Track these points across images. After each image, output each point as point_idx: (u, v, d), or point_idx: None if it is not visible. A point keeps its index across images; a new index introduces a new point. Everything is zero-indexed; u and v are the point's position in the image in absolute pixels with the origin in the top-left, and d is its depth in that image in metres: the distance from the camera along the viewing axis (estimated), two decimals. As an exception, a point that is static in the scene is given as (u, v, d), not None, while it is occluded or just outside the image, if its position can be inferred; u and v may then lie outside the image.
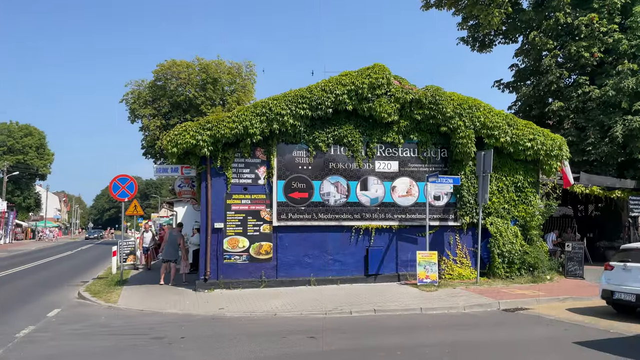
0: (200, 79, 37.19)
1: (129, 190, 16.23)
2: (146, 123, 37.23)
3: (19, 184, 73.06)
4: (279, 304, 11.51)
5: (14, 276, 19.91)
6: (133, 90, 38.36)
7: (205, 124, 13.74)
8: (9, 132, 73.72)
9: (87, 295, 13.46)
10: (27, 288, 16.12)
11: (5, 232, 56.64)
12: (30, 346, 8.04)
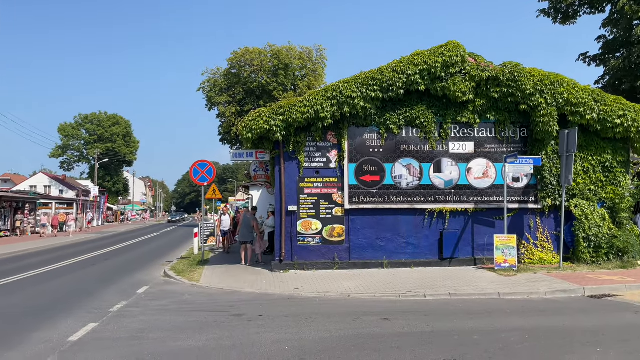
0: (272, 65, 37.83)
1: (208, 175, 16.97)
2: (222, 110, 38.55)
3: (108, 170, 78.53)
4: (352, 286, 11.63)
5: (107, 256, 21.55)
6: (209, 78, 39.79)
7: (277, 109, 14.00)
8: (98, 121, 79.10)
9: (172, 274, 14.31)
10: (118, 267, 17.42)
11: (98, 215, 61.19)
12: (122, 320, 8.71)
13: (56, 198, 55.26)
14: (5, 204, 36.52)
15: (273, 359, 6.26)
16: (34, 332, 7.80)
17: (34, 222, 40.93)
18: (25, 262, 18.91)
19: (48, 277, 14.62)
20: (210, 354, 6.51)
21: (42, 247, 26.02)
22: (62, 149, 78.95)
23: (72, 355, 6.55)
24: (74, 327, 8.09)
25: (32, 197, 44.14)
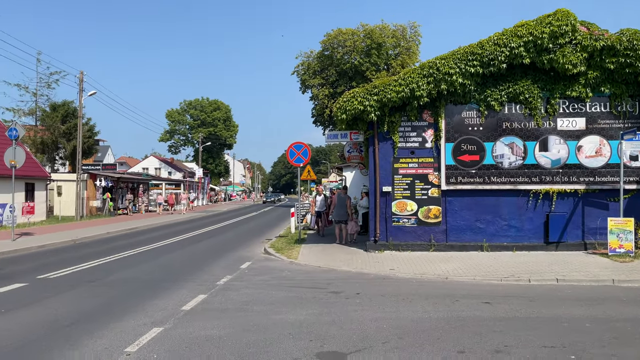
0: (365, 45, 37.50)
1: (303, 156, 17.36)
2: (315, 92, 39.04)
3: (211, 153, 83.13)
4: (449, 268, 11.38)
5: (211, 233, 22.96)
6: (303, 61, 40.39)
7: (371, 89, 13.91)
8: (201, 107, 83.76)
9: (271, 251, 14.93)
10: (222, 243, 18.50)
11: (202, 195, 65.18)
12: (228, 293, 9.27)
13: (165, 179, 59.64)
14: (122, 184, 40.12)
15: (372, 336, 6.34)
16: (152, 301, 8.56)
17: (147, 201, 44.58)
18: (141, 237, 20.71)
19: (162, 252, 15.91)
20: (311, 327, 6.74)
21: (156, 224, 28.31)
22: (169, 133, 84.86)
23: (186, 323, 7.11)
24: (186, 298, 8.76)
25: (145, 178, 48.04)
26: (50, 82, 44.23)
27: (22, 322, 7.20)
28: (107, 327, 6.87)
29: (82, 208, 32.74)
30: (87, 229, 23.22)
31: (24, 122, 41.76)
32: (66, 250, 16.31)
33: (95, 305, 8.34)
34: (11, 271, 11.91)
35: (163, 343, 6.12)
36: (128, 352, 5.77)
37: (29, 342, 6.21)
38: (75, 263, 13.06)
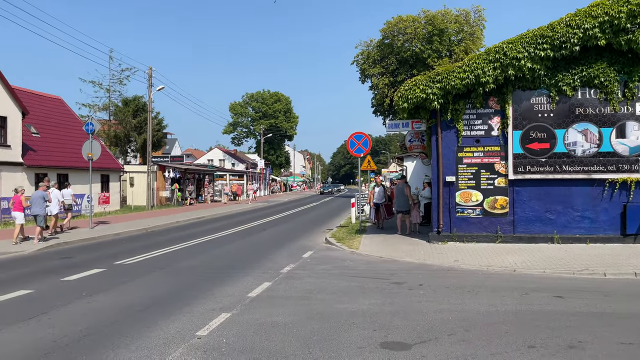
0: (427, 31, 36.64)
1: (363, 147, 17.30)
2: (375, 82, 38.66)
3: (272, 144, 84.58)
4: (517, 260, 11.00)
5: (274, 222, 23.42)
6: (362, 51, 40.07)
7: (434, 76, 13.59)
8: (262, 99, 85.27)
9: (332, 241, 15.04)
10: (285, 232, 18.83)
11: (264, 185, 66.54)
12: (292, 281, 9.45)
13: (229, 170, 61.37)
14: (189, 175, 41.71)
15: (437, 327, 6.26)
16: (220, 287, 8.87)
17: (212, 191, 46.10)
18: (207, 226, 21.48)
19: (227, 240, 16.43)
20: (374, 317, 6.74)
21: (221, 213, 29.26)
22: (232, 125, 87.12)
23: (253, 309, 7.32)
24: (251, 285, 9.01)
25: (211, 170, 49.67)
26: (122, 78, 46.67)
27: (101, 305, 7.69)
28: (179, 311, 7.20)
29: (152, 198, 34.36)
30: (157, 218, 24.36)
31: (99, 117, 44.22)
32: (139, 238, 17.20)
33: (167, 290, 8.76)
34: (90, 257, 12.73)
35: (231, 328, 6.34)
36: (199, 336, 6.03)
37: (109, 324, 6.63)
38: (148, 250, 13.75)
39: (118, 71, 57.02)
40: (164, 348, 5.59)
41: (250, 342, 5.77)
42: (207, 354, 5.39)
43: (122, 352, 5.47)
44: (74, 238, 16.14)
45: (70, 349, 5.58)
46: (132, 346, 5.67)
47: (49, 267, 11.20)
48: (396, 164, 63.54)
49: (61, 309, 7.35)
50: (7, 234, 16.87)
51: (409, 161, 26.00)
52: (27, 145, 25.04)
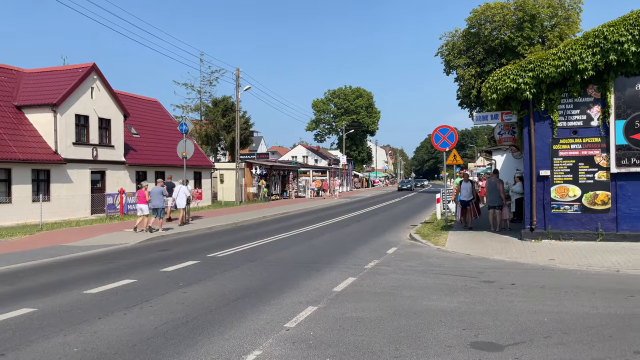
0: (516, 18, 34.83)
1: (449, 140, 16.81)
2: (461, 73, 37.40)
3: (354, 140, 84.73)
4: (621, 260, 10.17)
5: (357, 218, 23.47)
6: (447, 42, 38.93)
7: (526, 65, 12.89)
8: (344, 95, 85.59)
9: (417, 237, 14.79)
10: (368, 228, 18.81)
11: (346, 181, 66.85)
12: (376, 277, 9.42)
13: (312, 166, 62.34)
14: (275, 172, 42.92)
15: (531, 329, 5.96)
16: (306, 281, 9.06)
17: (296, 187, 47.12)
18: (293, 221, 21.99)
19: (312, 235, 16.71)
20: (463, 316, 6.55)
21: (305, 208, 29.82)
22: (315, 122, 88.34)
23: (338, 303, 7.39)
24: (337, 280, 9.11)
25: (295, 166, 50.77)
26: (212, 79, 49.05)
27: (196, 295, 8.14)
28: (267, 303, 7.45)
29: (240, 194, 35.78)
30: (245, 213, 25.33)
31: (191, 117, 46.82)
32: (229, 232, 17.99)
33: (256, 282, 9.09)
34: (185, 250, 13.51)
35: (318, 321, 6.46)
36: (287, 328, 6.19)
37: (204, 313, 7.00)
38: (237, 244, 14.34)
39: (208, 73, 60.12)
40: (255, 338, 5.81)
41: (337, 336, 5.84)
42: (296, 346, 5.52)
43: (216, 340, 5.76)
44: (171, 232, 17.21)
45: (170, 335, 5.96)
46: (225, 335, 5.96)
47: (149, 259, 12.04)
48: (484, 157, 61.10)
49: (160, 298, 7.87)
50: (114, 227, 18.37)
51: (498, 155, 24.93)
52: (128, 145, 27.06)
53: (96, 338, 5.88)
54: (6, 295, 8.26)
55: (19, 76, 24.68)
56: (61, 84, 23.29)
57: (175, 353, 5.34)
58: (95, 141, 24.33)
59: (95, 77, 24.55)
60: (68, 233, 17.08)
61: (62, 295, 8.12)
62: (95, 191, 24.49)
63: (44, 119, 22.41)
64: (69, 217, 22.41)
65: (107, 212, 23.73)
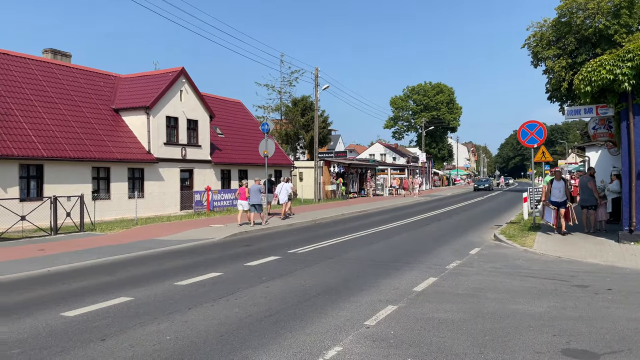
0: (612, 4, 32.27)
1: (537, 136, 15.96)
2: (550, 65, 35.30)
3: (434, 137, 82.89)
4: None
5: (438, 217, 22.93)
6: (535, 32, 36.89)
7: (624, 54, 11.94)
8: (424, 91, 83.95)
9: (502, 238, 14.19)
10: (449, 227, 18.33)
11: (426, 179, 65.53)
12: (459, 277, 9.16)
13: (390, 164, 61.76)
14: (352, 170, 43.01)
15: (630, 337, 5.52)
16: (385, 280, 9.00)
17: (374, 185, 46.92)
18: (371, 219, 21.92)
19: (391, 233, 16.57)
20: (554, 321, 6.20)
21: (384, 207, 29.62)
22: (393, 120, 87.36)
23: (419, 303, 7.28)
24: (416, 279, 8.97)
25: (372, 164, 50.57)
26: (291, 80, 49.90)
27: (279, 290, 8.36)
28: (347, 300, 7.49)
29: (319, 192, 36.24)
30: (323, 211, 25.61)
31: (272, 117, 48.09)
32: (308, 229, 18.29)
33: (335, 279, 9.18)
34: (267, 246, 13.92)
35: (398, 320, 6.40)
36: (367, 325, 6.20)
37: (285, 307, 7.18)
38: (317, 241, 14.54)
39: (288, 74, 61.17)
40: (335, 334, 5.87)
41: (418, 336, 5.76)
42: (376, 344, 5.51)
43: (298, 334, 5.89)
44: (254, 228, 17.80)
45: (254, 327, 6.18)
46: (306, 329, 6.07)
47: (233, 253, 12.55)
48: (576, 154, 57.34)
49: (245, 291, 8.18)
50: (201, 223, 19.35)
51: (592, 151, 23.37)
52: (213, 144, 28.33)
53: (186, 327, 6.23)
54: (106, 284, 8.97)
55: (116, 81, 26.66)
56: (153, 88, 24.85)
57: (259, 345, 5.53)
58: (184, 141, 25.72)
59: (184, 81, 25.94)
60: (160, 228, 18.21)
61: (155, 286, 8.68)
62: (184, 188, 25.89)
63: (138, 121, 24.03)
64: (161, 213, 23.88)
65: (195, 209, 25.00)
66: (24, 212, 16.01)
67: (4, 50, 22.06)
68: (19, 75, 21.49)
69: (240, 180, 29.71)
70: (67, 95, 22.90)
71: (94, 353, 5.34)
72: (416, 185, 44.50)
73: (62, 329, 6.21)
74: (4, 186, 17.75)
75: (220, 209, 25.98)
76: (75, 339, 5.82)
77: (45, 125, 20.29)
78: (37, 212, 16.34)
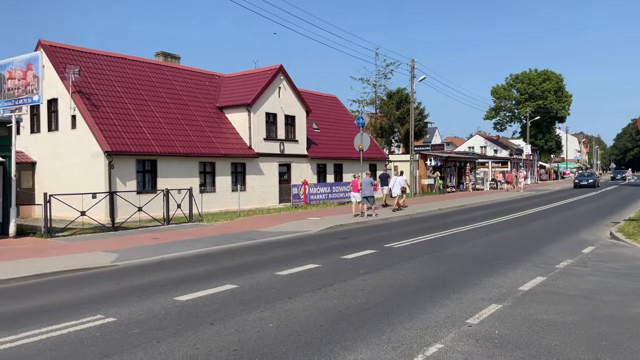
0: None
1: (663, 124, 14.35)
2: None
3: (539, 128, 77.85)
4: None
5: (544, 213, 21.52)
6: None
7: None
8: (529, 80, 79.01)
9: (620, 236, 13.00)
10: (557, 224, 17.13)
11: (531, 173, 61.78)
12: (570, 277, 8.53)
13: (491, 157, 58.97)
14: (450, 163, 41.70)
15: None
16: (487, 277, 8.62)
17: (474, 179, 45.14)
18: (470, 214, 21.12)
19: (492, 229, 15.84)
20: (684, 330, 5.56)
21: (484, 202, 28.38)
22: (494, 110, 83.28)
23: (526, 303, 6.88)
24: (522, 278, 8.49)
25: (472, 157, 48.65)
26: (387, 73, 49.31)
27: (375, 283, 8.34)
28: (447, 297, 7.28)
29: (415, 186, 35.59)
30: (419, 205, 25.11)
31: (367, 110, 47.99)
32: (404, 224, 18.04)
33: (433, 275, 8.96)
34: (363, 239, 13.93)
35: (503, 320, 6.10)
36: (470, 324, 5.98)
37: (383, 301, 7.15)
38: (413, 235, 14.30)
39: (383, 66, 60.60)
40: (435, 331, 5.74)
41: (525, 338, 5.45)
42: (479, 343, 5.30)
43: (397, 329, 5.83)
44: (349, 221, 17.93)
45: (353, 319, 6.22)
46: (405, 324, 6.00)
47: (330, 246, 12.73)
48: None
49: (342, 284, 8.26)
50: (298, 215, 19.87)
51: None
52: (310, 139, 28.90)
53: (288, 316, 6.42)
54: (213, 272, 9.52)
55: (219, 80, 28.12)
56: (253, 86, 25.88)
57: (358, 337, 5.56)
58: (282, 136, 26.52)
59: (282, 78, 26.71)
60: (260, 220, 18.96)
61: (257, 275, 9.05)
62: (282, 182, 26.72)
63: (240, 117, 25.17)
64: (261, 205, 24.86)
65: (293, 202, 25.70)
66: (141, 204, 17.47)
67: (122, 55, 24.18)
68: (135, 77, 23.43)
69: (335, 173, 30.13)
70: (176, 95, 24.57)
71: (204, 336, 5.69)
72: (520, 178, 42.06)
73: (175, 312, 6.69)
74: (123, 180, 19.49)
75: (316, 202, 26.47)
76: (187, 322, 6.25)
77: (157, 123, 21.95)
78: (152, 203, 17.76)
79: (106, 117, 19.99)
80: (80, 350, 5.30)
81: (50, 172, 21.00)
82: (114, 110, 20.64)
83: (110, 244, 13.02)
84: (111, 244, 13.02)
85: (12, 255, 11.47)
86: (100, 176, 18.97)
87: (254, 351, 5.19)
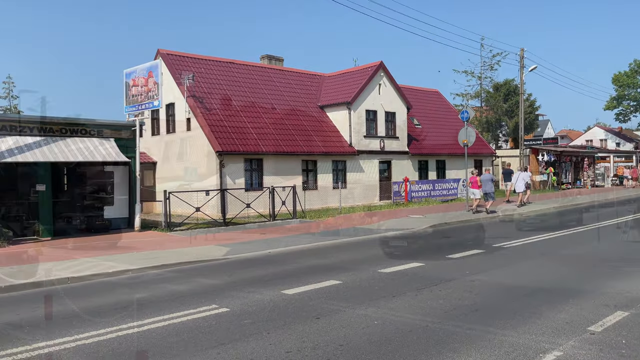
0: None
1: None
2: None
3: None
4: None
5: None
6: None
7: None
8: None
9: None
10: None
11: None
12: None
13: (613, 151, 53.84)
14: (565, 158, 38.73)
15: None
16: (610, 282, 7.87)
17: (593, 175, 41.56)
18: (589, 213, 19.48)
19: (617, 230, 14.47)
20: None
21: (605, 199, 26.01)
22: (616, 100, 75.75)
23: (658, 312, 6.20)
24: (653, 284, 7.65)
25: (590, 151, 44.78)
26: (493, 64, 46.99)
27: (484, 285, 7.98)
28: (564, 302, 6.77)
29: (524, 182, 33.51)
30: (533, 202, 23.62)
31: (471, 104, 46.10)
32: (515, 222, 17.07)
33: (549, 278, 8.38)
34: (468, 238, 13.45)
35: (631, 329, 5.54)
36: (592, 331, 5.51)
37: (492, 303, 6.83)
38: (525, 235, 13.47)
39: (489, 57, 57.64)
40: (553, 337, 5.36)
41: (660, 351, 4.90)
42: (604, 353, 4.87)
43: (509, 333, 5.53)
44: (454, 219, 17.36)
45: (460, 321, 6.01)
46: (518, 329, 5.67)
47: (434, 244, 12.44)
48: None
49: (448, 284, 8.01)
50: (399, 213, 19.66)
51: None
52: (411, 135, 28.41)
53: (392, 314, 6.37)
54: (317, 267, 9.72)
55: (321, 80, 28.61)
56: (353, 84, 25.99)
57: (467, 340, 5.36)
58: (382, 133, 26.34)
59: (382, 74, 26.52)
60: (361, 217, 19.03)
61: (360, 272, 9.09)
62: (383, 179, 26.55)
63: (340, 116, 25.41)
64: (361, 203, 24.92)
65: (393, 199, 25.45)
66: (249, 201, 18.33)
67: (230, 60, 25.53)
68: (243, 80, 24.61)
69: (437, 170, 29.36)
70: (280, 96, 25.42)
71: (310, 329, 5.83)
72: (646, 174, 38.03)
73: (283, 305, 6.93)
74: (233, 178, 20.58)
75: (418, 199, 25.97)
76: (294, 315, 6.44)
77: (263, 123, 22.87)
78: (258, 200, 18.57)
79: (217, 119, 21.23)
80: (198, 338, 5.68)
81: (169, 171, 22.79)
82: (223, 112, 21.86)
83: (222, 238, 13.83)
84: (223, 238, 13.83)
85: (140, 246, 12.63)
86: (212, 174, 20.20)
87: (359, 348, 5.22)
